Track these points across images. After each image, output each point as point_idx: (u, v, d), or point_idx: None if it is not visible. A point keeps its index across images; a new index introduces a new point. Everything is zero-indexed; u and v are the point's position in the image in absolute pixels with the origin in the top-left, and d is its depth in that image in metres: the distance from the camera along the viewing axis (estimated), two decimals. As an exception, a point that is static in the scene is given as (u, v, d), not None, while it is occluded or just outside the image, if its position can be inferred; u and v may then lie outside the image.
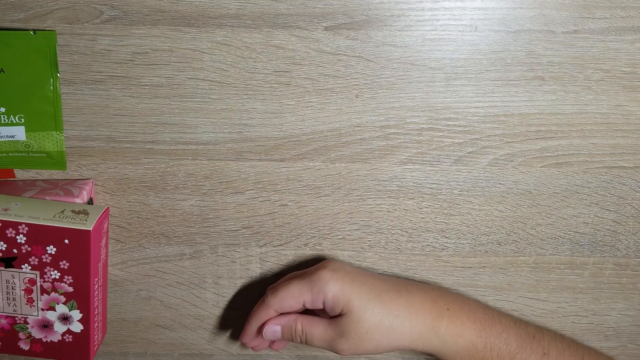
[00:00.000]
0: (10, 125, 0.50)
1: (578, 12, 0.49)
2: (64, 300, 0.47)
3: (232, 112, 0.51)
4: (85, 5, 0.48)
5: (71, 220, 0.45)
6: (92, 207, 0.47)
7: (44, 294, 0.46)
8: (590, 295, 0.57)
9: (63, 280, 0.46)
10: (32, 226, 0.44)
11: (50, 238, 0.44)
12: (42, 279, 0.45)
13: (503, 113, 0.52)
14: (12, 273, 0.45)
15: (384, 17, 0.49)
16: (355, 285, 0.48)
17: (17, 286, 0.45)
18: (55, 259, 0.45)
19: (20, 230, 0.44)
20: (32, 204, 0.46)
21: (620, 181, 0.54)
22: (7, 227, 0.44)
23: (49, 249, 0.45)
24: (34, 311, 0.47)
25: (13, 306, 0.46)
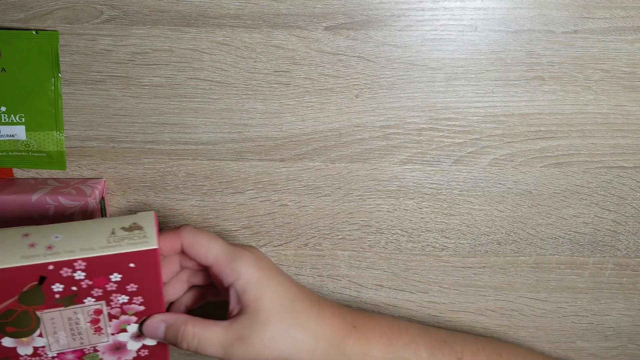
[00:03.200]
0: (10, 125, 0.50)
1: (578, 12, 0.49)
2: (135, 320, 0.42)
3: (232, 112, 0.51)
4: (85, 5, 0.48)
5: (129, 241, 0.38)
6: (138, 216, 0.41)
7: (113, 320, 0.41)
8: (590, 295, 0.57)
9: (132, 302, 0.40)
10: (90, 260, 0.37)
11: (112, 267, 0.38)
12: (108, 306, 0.40)
13: (503, 113, 0.52)
14: (73, 310, 0.39)
15: (384, 17, 0.49)
16: (272, 284, 0.43)
17: (81, 320, 0.40)
18: (121, 285, 0.39)
19: (77, 267, 0.37)
20: (73, 231, 0.39)
21: (620, 181, 0.54)
22: (62, 267, 0.37)
23: (112, 277, 0.39)
24: (104, 338, 0.42)
25: (79, 340, 0.41)
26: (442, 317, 0.58)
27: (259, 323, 0.42)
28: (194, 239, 0.42)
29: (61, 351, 0.41)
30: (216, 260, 0.42)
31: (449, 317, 0.58)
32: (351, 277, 0.57)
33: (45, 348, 0.41)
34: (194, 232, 0.43)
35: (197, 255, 0.42)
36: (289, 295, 0.43)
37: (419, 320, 0.58)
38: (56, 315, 0.39)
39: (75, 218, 0.50)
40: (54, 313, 0.39)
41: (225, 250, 0.43)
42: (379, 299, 0.58)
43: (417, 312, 0.58)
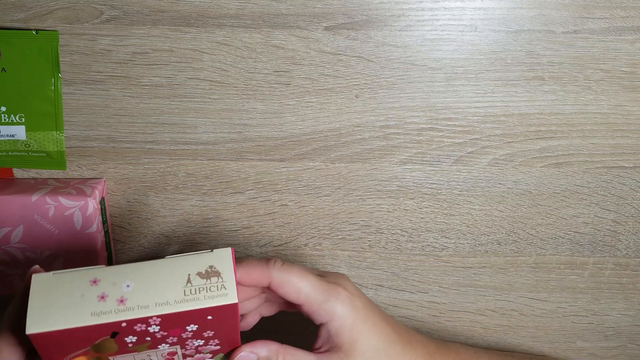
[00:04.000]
0: (10, 125, 0.50)
1: (578, 12, 0.49)
2: (210, 357, 0.40)
3: (232, 112, 0.51)
4: (85, 5, 0.48)
5: (207, 293, 0.35)
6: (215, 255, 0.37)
7: (187, 358, 0.39)
8: (590, 295, 0.57)
9: (208, 344, 0.38)
10: (165, 316, 0.34)
11: (188, 320, 0.36)
12: (183, 349, 0.38)
13: (503, 113, 0.52)
14: (147, 353, 0.37)
15: (384, 17, 0.49)
16: (366, 326, 0.42)
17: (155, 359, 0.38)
18: (197, 333, 0.37)
19: (152, 322, 0.35)
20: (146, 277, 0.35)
21: (620, 181, 0.54)
22: (135, 324, 0.34)
23: (189, 327, 0.36)
24: None
25: None
26: (442, 317, 0.58)
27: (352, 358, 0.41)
28: (284, 278, 0.40)
29: None
30: (308, 299, 0.41)
31: (449, 317, 0.58)
32: (351, 277, 0.57)
33: None
34: (284, 269, 0.41)
35: (286, 294, 0.41)
36: (383, 338, 0.42)
37: (419, 320, 0.58)
38: (129, 359, 0.38)
39: (75, 218, 0.50)
40: (128, 357, 0.37)
41: (317, 289, 0.41)
42: (379, 299, 0.58)
43: (417, 312, 0.58)
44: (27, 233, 0.50)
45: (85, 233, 0.50)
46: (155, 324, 0.35)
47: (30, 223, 0.50)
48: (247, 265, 0.40)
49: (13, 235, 0.50)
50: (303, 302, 0.41)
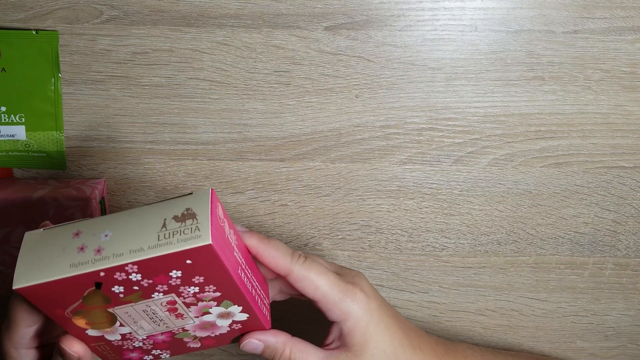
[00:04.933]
0: (10, 125, 0.50)
1: (578, 12, 0.49)
2: (215, 304, 0.38)
3: (232, 112, 0.52)
4: (85, 5, 0.48)
5: (181, 237, 0.34)
6: (193, 197, 0.36)
7: (191, 307, 0.38)
8: (590, 295, 0.57)
9: (205, 291, 0.37)
10: (141, 262, 0.34)
11: (168, 265, 0.35)
12: (180, 297, 0.37)
13: (503, 113, 0.52)
14: (145, 303, 0.37)
15: (384, 17, 0.49)
16: (379, 329, 0.42)
17: (157, 311, 0.38)
18: (185, 278, 0.36)
19: (130, 270, 0.34)
20: (123, 225, 0.35)
21: (620, 181, 0.54)
22: (114, 272, 0.34)
23: (172, 274, 0.35)
24: (189, 320, 0.39)
25: (164, 325, 0.39)
26: (442, 317, 0.58)
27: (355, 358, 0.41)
28: (303, 273, 0.41)
29: (150, 334, 0.39)
30: (324, 297, 0.41)
31: (449, 317, 0.58)
32: (351, 277, 0.57)
33: (132, 334, 0.39)
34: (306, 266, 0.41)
35: (303, 289, 0.41)
36: (394, 343, 0.43)
37: (419, 320, 0.58)
38: (129, 310, 0.37)
39: (75, 218, 0.50)
40: (127, 308, 0.37)
41: (334, 288, 0.41)
42: (379, 299, 0.58)
43: (417, 312, 0.58)
44: (27, 233, 0.50)
45: (85, 233, 0.50)
46: (134, 272, 0.35)
47: (30, 223, 0.50)
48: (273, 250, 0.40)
49: (13, 235, 0.50)
50: (319, 299, 0.41)
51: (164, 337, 0.40)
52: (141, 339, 0.40)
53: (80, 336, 0.39)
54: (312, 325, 0.48)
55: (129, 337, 0.39)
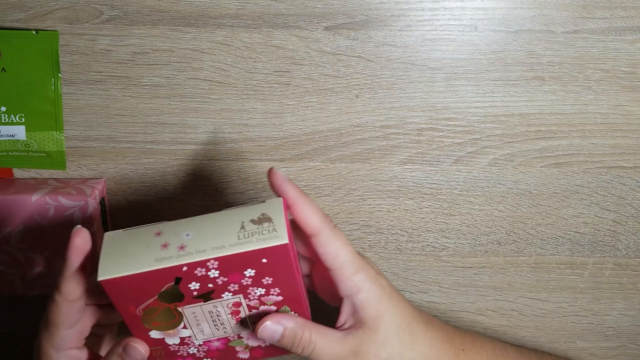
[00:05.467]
0: (10, 125, 0.50)
1: (578, 12, 0.49)
2: (274, 309, 0.41)
3: (232, 112, 0.51)
4: (85, 5, 0.48)
5: (259, 236, 0.37)
6: (267, 205, 0.39)
7: (253, 310, 0.41)
8: (590, 295, 0.57)
9: (270, 293, 0.40)
10: (222, 259, 0.37)
11: (245, 263, 0.38)
12: (246, 299, 0.40)
13: (503, 113, 0.52)
14: (213, 304, 0.39)
15: (384, 17, 0.49)
16: (392, 303, 0.41)
17: (222, 313, 0.40)
18: (256, 279, 0.39)
19: (210, 266, 0.37)
20: (203, 227, 0.38)
21: (620, 181, 0.54)
22: (195, 268, 0.37)
23: (246, 272, 0.38)
24: (246, 327, 0.41)
25: (223, 329, 0.41)
26: (442, 317, 0.58)
27: (376, 342, 0.41)
28: (330, 239, 0.40)
29: (207, 340, 0.42)
30: (341, 267, 0.40)
31: (449, 317, 0.58)
32: (351, 277, 0.57)
33: (191, 337, 0.41)
34: (334, 232, 0.40)
35: (324, 254, 0.40)
36: (407, 317, 0.42)
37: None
38: (197, 310, 0.39)
39: (75, 218, 0.50)
40: (195, 308, 0.39)
41: (352, 260, 0.40)
42: (379, 299, 0.58)
43: (417, 312, 0.58)
44: (27, 233, 0.50)
45: (85, 233, 0.50)
46: (214, 268, 0.37)
47: (30, 223, 0.50)
48: (308, 205, 0.40)
49: (13, 235, 0.50)
50: (336, 269, 0.40)
51: (218, 345, 0.42)
52: (197, 344, 0.42)
53: (143, 338, 0.40)
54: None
55: (186, 342, 0.41)
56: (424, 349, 0.42)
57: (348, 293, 0.41)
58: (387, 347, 0.41)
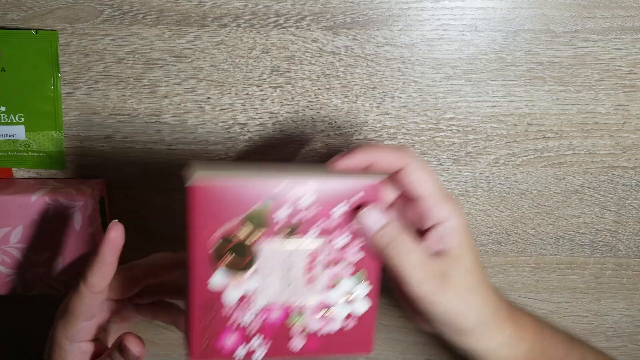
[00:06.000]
0: (10, 124, 0.50)
1: (578, 11, 0.49)
2: (351, 272, 0.39)
3: (232, 112, 0.51)
4: (84, 4, 0.48)
5: (359, 176, 0.37)
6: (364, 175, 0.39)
7: (329, 267, 0.38)
8: (590, 295, 0.57)
9: (352, 244, 0.38)
10: (320, 184, 0.36)
11: (340, 197, 0.37)
12: (328, 247, 0.38)
13: (503, 113, 0.51)
14: (293, 246, 0.37)
15: (384, 16, 0.49)
16: (471, 239, 0.41)
17: (297, 263, 0.37)
18: (345, 220, 0.37)
19: (307, 190, 0.36)
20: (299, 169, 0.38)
21: (620, 181, 0.54)
22: (292, 188, 0.36)
23: (338, 208, 0.37)
24: (313, 294, 0.38)
25: (289, 292, 0.38)
26: (442, 318, 0.58)
27: (462, 268, 0.39)
28: (419, 166, 0.39)
29: (267, 305, 0.38)
30: (432, 194, 0.39)
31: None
32: (351, 277, 0.57)
33: (252, 297, 0.38)
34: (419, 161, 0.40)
35: (414, 182, 0.39)
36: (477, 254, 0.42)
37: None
38: (275, 250, 0.37)
39: (74, 218, 0.50)
40: (274, 246, 0.37)
41: (441, 189, 0.40)
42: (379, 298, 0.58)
43: (418, 313, 0.58)
44: (27, 233, 0.50)
45: (85, 233, 0.50)
46: (310, 194, 0.36)
47: (29, 223, 0.50)
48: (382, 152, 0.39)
49: (12, 235, 0.50)
50: (428, 195, 0.40)
51: (276, 317, 0.39)
52: (256, 310, 0.38)
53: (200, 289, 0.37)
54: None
55: (245, 303, 0.38)
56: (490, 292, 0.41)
57: (438, 220, 0.40)
58: (470, 276, 0.40)
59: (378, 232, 0.38)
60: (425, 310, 0.39)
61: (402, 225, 0.39)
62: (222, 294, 0.37)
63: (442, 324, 0.40)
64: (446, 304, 0.39)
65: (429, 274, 0.38)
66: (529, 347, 0.43)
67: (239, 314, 0.38)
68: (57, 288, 0.52)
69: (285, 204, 0.36)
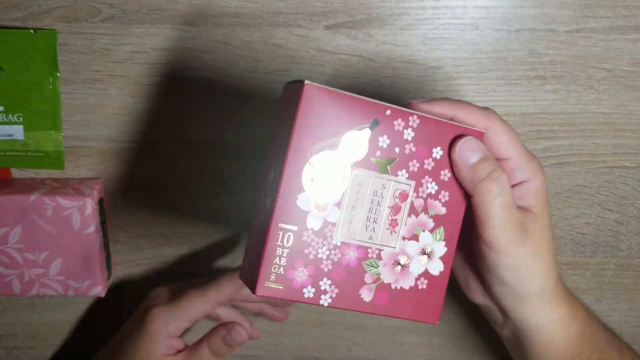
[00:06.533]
0: (8, 124, 0.50)
1: (580, 10, 0.49)
2: (431, 227, 0.37)
3: (232, 112, 0.51)
4: (83, 4, 0.48)
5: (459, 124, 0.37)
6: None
7: (412, 215, 0.36)
8: (592, 296, 0.57)
9: (438, 197, 0.37)
10: (425, 120, 0.35)
11: (439, 137, 0.36)
12: (415, 192, 0.36)
13: (504, 112, 0.51)
14: (384, 181, 0.35)
15: (385, 15, 0.49)
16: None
17: (384, 201, 0.35)
18: (437, 166, 0.36)
19: (410, 123, 0.35)
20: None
21: (622, 181, 0.53)
22: (397, 118, 0.35)
23: (434, 151, 0.36)
24: (393, 240, 0.36)
25: (370, 231, 0.36)
26: (442, 318, 0.58)
27: (541, 225, 0.39)
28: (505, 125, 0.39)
29: (347, 241, 0.35)
30: (520, 153, 0.39)
31: (450, 319, 0.58)
32: (352, 278, 0.57)
33: (334, 228, 0.35)
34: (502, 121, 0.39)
35: (502, 142, 0.38)
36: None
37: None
38: (366, 181, 0.35)
39: (73, 218, 0.50)
40: (365, 177, 0.35)
41: (525, 148, 0.40)
42: (379, 299, 0.58)
43: (418, 313, 0.58)
44: (25, 234, 0.50)
45: (83, 233, 0.50)
46: (412, 127, 0.35)
47: (28, 223, 0.50)
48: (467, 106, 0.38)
49: (11, 235, 0.50)
50: (513, 156, 0.39)
51: (351, 258, 0.35)
52: (334, 244, 0.35)
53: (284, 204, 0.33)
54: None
55: (324, 233, 0.34)
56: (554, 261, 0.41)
57: (525, 177, 0.39)
58: (546, 235, 0.39)
59: (475, 164, 0.36)
60: (495, 263, 0.38)
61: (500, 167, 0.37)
62: (307, 215, 0.34)
63: (506, 284, 0.39)
64: (519, 259, 0.38)
65: (512, 222, 0.37)
66: (580, 329, 0.42)
67: (316, 243, 0.35)
68: (55, 289, 0.51)
69: (386, 132, 0.35)
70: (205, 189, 0.54)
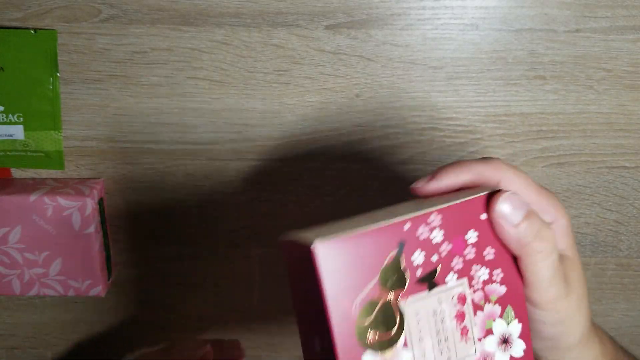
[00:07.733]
0: (8, 124, 0.50)
1: (580, 11, 0.49)
2: (499, 312, 0.34)
3: (232, 112, 0.51)
4: (83, 4, 0.48)
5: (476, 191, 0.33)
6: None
7: (477, 312, 0.33)
8: (592, 296, 0.57)
9: (492, 279, 0.33)
10: (444, 211, 0.31)
11: (466, 221, 0.32)
12: (470, 287, 0.33)
13: (504, 113, 0.51)
14: (438, 296, 0.32)
15: (385, 15, 0.49)
16: None
17: (446, 316, 0.32)
18: (479, 249, 0.33)
19: (433, 223, 0.31)
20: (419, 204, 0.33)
21: (622, 181, 0.53)
22: (418, 226, 0.31)
23: (468, 237, 0.32)
24: (470, 348, 0.33)
25: (446, 353, 0.32)
26: (443, 318, 0.58)
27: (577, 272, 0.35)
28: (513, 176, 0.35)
29: None
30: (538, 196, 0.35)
31: (449, 318, 0.58)
32: (351, 278, 0.57)
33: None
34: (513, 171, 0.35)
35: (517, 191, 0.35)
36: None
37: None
38: (421, 308, 0.31)
39: (73, 218, 0.50)
40: (418, 303, 0.31)
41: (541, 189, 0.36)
42: (379, 299, 0.58)
43: (418, 313, 0.58)
44: (25, 233, 0.50)
45: (83, 233, 0.50)
46: (438, 226, 0.31)
47: (28, 223, 0.50)
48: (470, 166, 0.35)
49: (11, 235, 0.50)
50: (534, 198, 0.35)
51: None
52: None
53: None
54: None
55: None
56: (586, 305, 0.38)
57: (551, 219, 0.36)
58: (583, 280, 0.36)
59: (520, 224, 0.33)
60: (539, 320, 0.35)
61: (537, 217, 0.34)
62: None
63: (548, 338, 0.36)
64: (565, 312, 0.35)
65: (558, 276, 0.34)
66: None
67: None
68: (55, 288, 0.51)
69: (417, 247, 0.31)
70: (205, 188, 0.54)
